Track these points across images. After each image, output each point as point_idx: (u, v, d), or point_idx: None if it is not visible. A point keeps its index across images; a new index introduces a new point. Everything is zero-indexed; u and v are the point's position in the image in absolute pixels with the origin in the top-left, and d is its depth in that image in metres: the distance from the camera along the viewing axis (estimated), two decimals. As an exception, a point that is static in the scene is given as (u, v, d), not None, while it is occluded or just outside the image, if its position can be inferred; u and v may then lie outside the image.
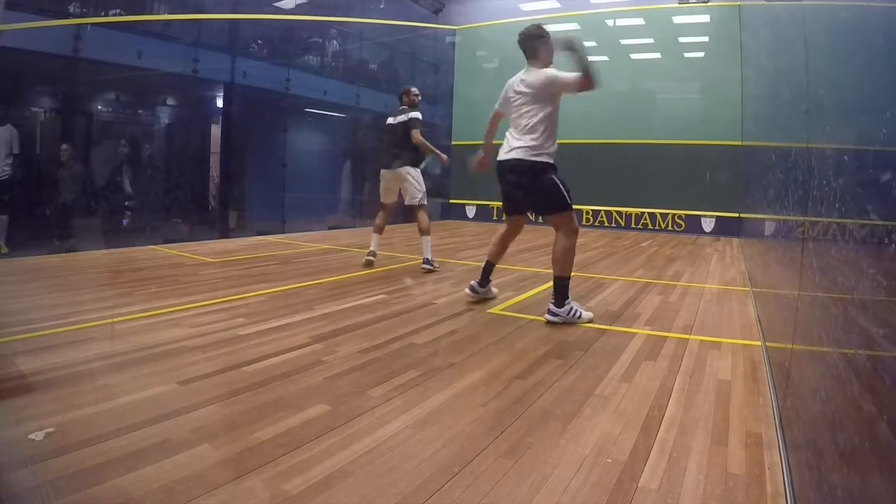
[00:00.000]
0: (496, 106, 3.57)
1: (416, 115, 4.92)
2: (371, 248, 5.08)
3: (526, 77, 3.32)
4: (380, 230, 5.17)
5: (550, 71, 3.26)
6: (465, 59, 12.06)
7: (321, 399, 2.00)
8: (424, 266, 4.87)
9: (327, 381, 2.19)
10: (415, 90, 5.12)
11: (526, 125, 3.24)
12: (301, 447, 1.64)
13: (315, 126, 10.41)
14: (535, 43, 3.32)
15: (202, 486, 1.41)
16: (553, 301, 3.24)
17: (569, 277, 3.28)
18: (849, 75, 1.23)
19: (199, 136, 8.56)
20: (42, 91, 6.93)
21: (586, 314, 3.26)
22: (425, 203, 4.99)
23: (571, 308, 3.23)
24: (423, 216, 4.93)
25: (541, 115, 3.23)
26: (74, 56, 6.21)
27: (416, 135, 4.84)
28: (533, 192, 3.32)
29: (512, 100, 3.35)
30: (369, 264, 5.02)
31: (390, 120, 5.07)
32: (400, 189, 5.02)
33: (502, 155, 3.36)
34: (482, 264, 3.75)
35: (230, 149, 8.47)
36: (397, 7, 11.38)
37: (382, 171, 5.04)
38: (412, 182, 4.90)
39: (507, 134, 3.38)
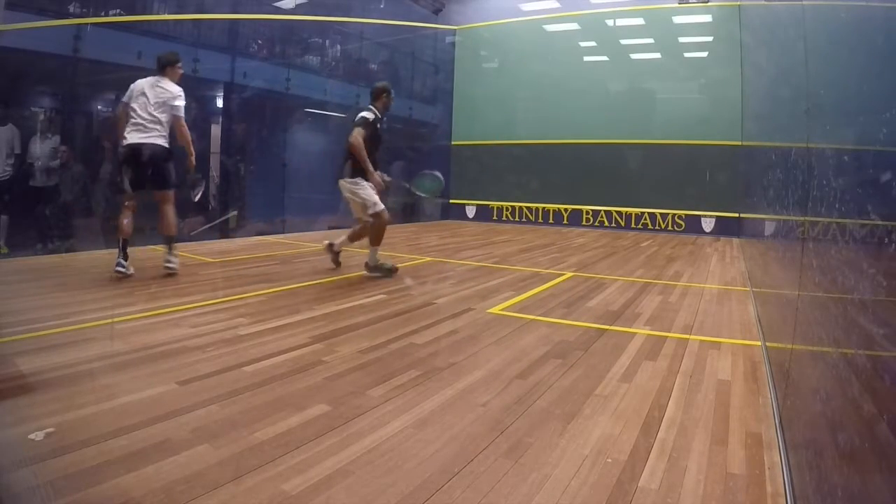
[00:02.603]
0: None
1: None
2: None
3: (161, 85, 4.31)
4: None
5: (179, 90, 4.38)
6: (465, 59, 12.06)
7: (321, 399, 2.00)
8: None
9: (327, 381, 2.19)
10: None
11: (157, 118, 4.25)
12: (301, 447, 1.64)
13: (315, 126, 10.41)
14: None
15: (202, 486, 1.41)
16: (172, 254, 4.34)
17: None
18: (849, 75, 1.23)
19: (200, 136, 8.56)
20: (42, 91, 6.93)
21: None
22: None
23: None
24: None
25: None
26: (74, 56, 6.20)
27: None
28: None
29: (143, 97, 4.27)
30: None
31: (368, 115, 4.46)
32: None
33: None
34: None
35: (230, 149, 8.47)
36: (397, 7, 11.38)
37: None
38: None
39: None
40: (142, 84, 4.27)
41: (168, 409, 1.86)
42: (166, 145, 4.31)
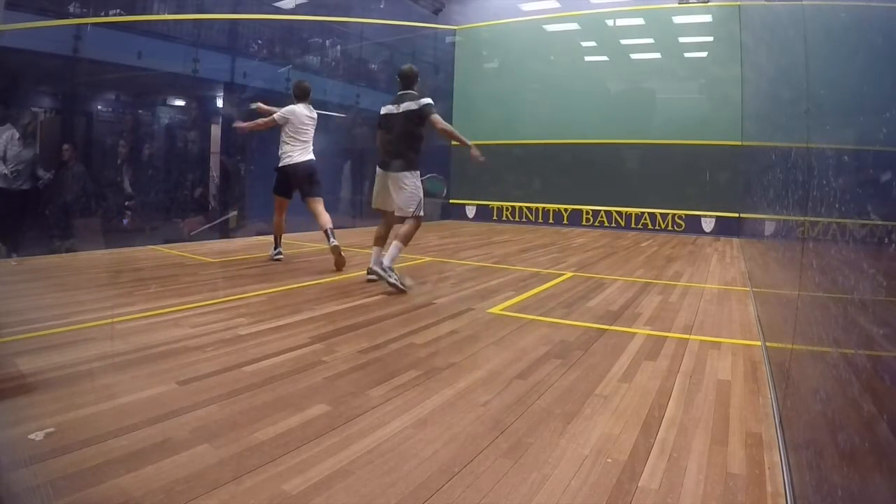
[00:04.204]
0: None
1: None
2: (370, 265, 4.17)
3: (311, 114, 5.19)
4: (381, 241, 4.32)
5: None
6: (465, 59, 12.06)
7: (321, 399, 2.00)
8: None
9: (327, 381, 2.19)
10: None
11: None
12: (301, 447, 1.64)
13: (315, 126, 10.40)
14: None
15: (202, 486, 1.41)
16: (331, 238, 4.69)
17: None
18: (849, 75, 1.23)
19: (199, 136, 8.56)
20: (42, 91, 6.93)
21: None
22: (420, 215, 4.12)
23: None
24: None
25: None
26: (74, 56, 6.20)
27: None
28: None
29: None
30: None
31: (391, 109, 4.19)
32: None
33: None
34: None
35: (230, 149, 8.47)
36: (397, 7, 11.38)
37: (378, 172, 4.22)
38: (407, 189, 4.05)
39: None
40: (298, 111, 5.15)
41: (168, 409, 1.86)
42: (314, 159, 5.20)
